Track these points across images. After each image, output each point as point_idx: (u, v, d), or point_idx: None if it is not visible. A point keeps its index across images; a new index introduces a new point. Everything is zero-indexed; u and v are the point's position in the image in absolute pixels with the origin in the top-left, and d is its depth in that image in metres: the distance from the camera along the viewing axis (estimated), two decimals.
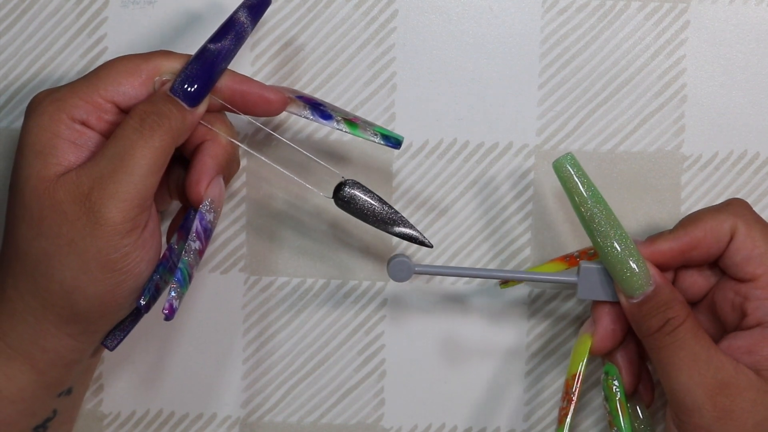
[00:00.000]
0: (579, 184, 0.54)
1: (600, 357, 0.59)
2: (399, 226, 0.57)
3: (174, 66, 0.54)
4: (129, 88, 0.53)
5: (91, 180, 0.51)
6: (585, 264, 0.56)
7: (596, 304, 0.57)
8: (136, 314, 0.55)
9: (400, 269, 0.57)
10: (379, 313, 0.63)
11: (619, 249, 0.54)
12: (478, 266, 0.63)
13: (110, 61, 0.54)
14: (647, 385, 0.59)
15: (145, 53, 0.54)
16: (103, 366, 0.64)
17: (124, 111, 0.53)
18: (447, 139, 0.62)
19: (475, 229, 0.63)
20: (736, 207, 0.56)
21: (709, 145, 0.62)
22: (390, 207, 0.56)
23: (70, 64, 0.62)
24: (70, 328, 0.53)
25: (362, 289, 0.63)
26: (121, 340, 0.55)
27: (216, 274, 0.63)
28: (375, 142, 0.56)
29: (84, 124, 0.53)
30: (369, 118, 0.62)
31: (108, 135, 0.53)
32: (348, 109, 0.62)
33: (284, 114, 0.56)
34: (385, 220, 0.57)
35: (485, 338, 0.63)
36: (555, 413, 0.64)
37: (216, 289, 0.63)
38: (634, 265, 0.54)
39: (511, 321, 0.63)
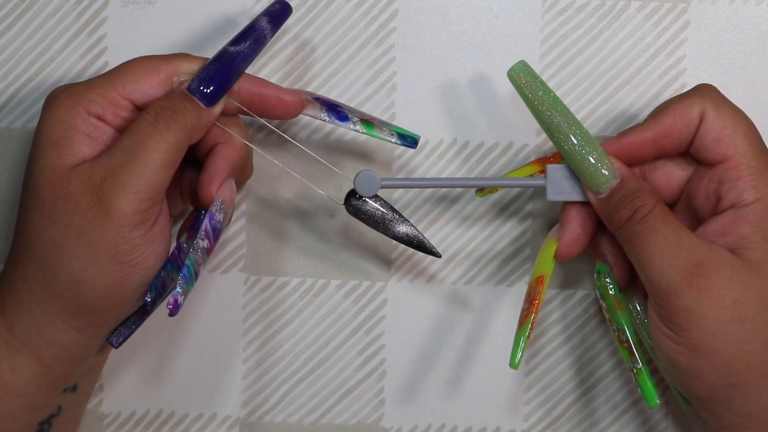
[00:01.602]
0: (535, 88, 0.54)
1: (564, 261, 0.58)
2: (408, 235, 0.57)
3: (193, 68, 0.55)
4: (146, 87, 0.54)
5: (104, 171, 0.52)
6: (551, 165, 0.56)
7: (564, 208, 0.57)
8: (142, 312, 0.55)
9: (367, 182, 0.56)
10: (379, 313, 0.63)
11: (580, 146, 0.54)
12: (478, 266, 0.63)
13: (130, 60, 0.55)
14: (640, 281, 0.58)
15: (165, 54, 0.55)
16: (104, 366, 0.64)
17: (140, 109, 0.54)
18: (447, 139, 0.62)
19: (475, 229, 0.63)
20: (703, 90, 0.55)
21: None
22: (400, 215, 0.57)
23: (70, 64, 0.62)
24: (76, 321, 0.53)
25: (362, 289, 0.63)
26: (126, 338, 0.55)
27: (216, 274, 0.63)
28: (392, 142, 0.57)
29: (100, 118, 0.53)
30: None
31: (123, 131, 0.54)
32: None
33: None
34: (395, 228, 0.57)
35: (485, 338, 0.63)
36: (555, 413, 0.64)
37: (216, 289, 0.63)
38: (595, 160, 0.54)
39: (512, 321, 0.63)
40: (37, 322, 0.53)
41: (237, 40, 0.55)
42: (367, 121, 0.57)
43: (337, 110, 0.57)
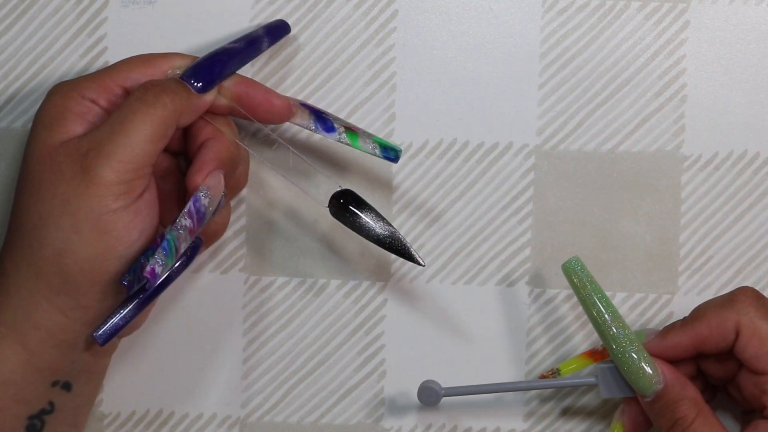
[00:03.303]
0: (587, 287, 0.56)
1: None
2: (392, 242, 0.57)
3: (187, 63, 0.56)
4: (140, 76, 0.55)
5: (91, 142, 0.53)
6: (601, 365, 0.58)
7: (625, 399, 0.58)
8: (127, 306, 0.54)
9: (428, 395, 0.59)
10: (379, 313, 0.63)
11: (626, 348, 0.55)
12: (478, 266, 0.63)
13: (129, 56, 0.56)
14: None
15: (162, 53, 0.57)
16: (105, 372, 0.64)
17: None
18: (447, 139, 0.62)
19: (475, 229, 0.63)
20: (741, 303, 0.55)
21: (709, 145, 0.62)
22: (385, 222, 0.57)
23: (70, 64, 0.62)
24: (60, 300, 0.53)
25: (362, 289, 0.63)
26: (112, 334, 0.54)
27: (216, 274, 0.63)
28: (375, 154, 0.58)
29: (93, 102, 0.55)
30: (369, 119, 0.62)
31: None
32: (348, 109, 0.62)
33: None
34: (379, 235, 0.57)
35: (485, 338, 0.63)
36: (555, 413, 0.64)
37: (216, 289, 0.63)
38: (639, 365, 0.55)
39: (511, 321, 0.63)
40: (24, 305, 0.53)
41: (234, 41, 0.57)
42: (352, 131, 0.58)
43: (323, 119, 0.58)
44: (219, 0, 0.62)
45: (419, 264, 0.57)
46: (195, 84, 0.55)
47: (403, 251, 0.57)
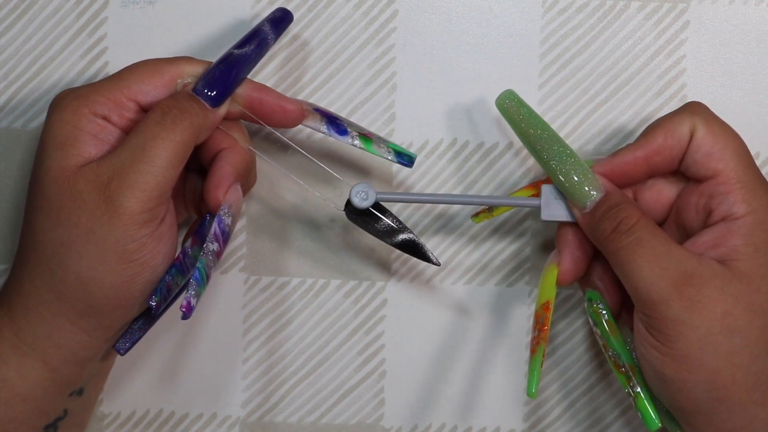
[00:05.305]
0: (520, 111, 0.56)
1: (566, 286, 0.59)
2: (406, 242, 0.57)
3: (197, 70, 0.55)
4: (151, 88, 0.54)
5: (111, 170, 0.52)
6: (546, 185, 0.56)
7: (560, 232, 0.57)
8: (147, 317, 0.55)
9: (362, 194, 0.56)
10: (379, 313, 0.63)
11: (563, 162, 0.55)
12: (478, 266, 0.63)
13: (133, 63, 0.55)
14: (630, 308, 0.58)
15: (169, 57, 0.56)
16: (110, 371, 0.64)
17: (145, 110, 0.55)
18: (447, 139, 0.62)
19: (476, 229, 0.63)
20: (693, 107, 0.55)
21: None
22: (398, 221, 0.57)
23: (70, 64, 0.62)
24: (84, 322, 0.53)
25: (362, 289, 0.63)
26: (133, 344, 0.55)
27: (216, 274, 0.63)
28: (388, 159, 0.57)
29: (105, 119, 0.54)
30: (369, 119, 0.62)
31: (128, 132, 0.54)
32: (348, 109, 0.62)
33: None
34: (393, 235, 0.57)
35: (485, 338, 0.63)
36: (555, 413, 0.64)
37: (216, 289, 0.63)
38: (579, 176, 0.54)
39: (511, 321, 0.63)
40: (45, 325, 0.53)
41: (241, 44, 0.56)
42: (366, 136, 0.57)
43: (336, 123, 0.57)
44: (219, 0, 0.62)
45: (435, 263, 0.58)
46: (209, 97, 0.54)
47: (418, 252, 0.57)
